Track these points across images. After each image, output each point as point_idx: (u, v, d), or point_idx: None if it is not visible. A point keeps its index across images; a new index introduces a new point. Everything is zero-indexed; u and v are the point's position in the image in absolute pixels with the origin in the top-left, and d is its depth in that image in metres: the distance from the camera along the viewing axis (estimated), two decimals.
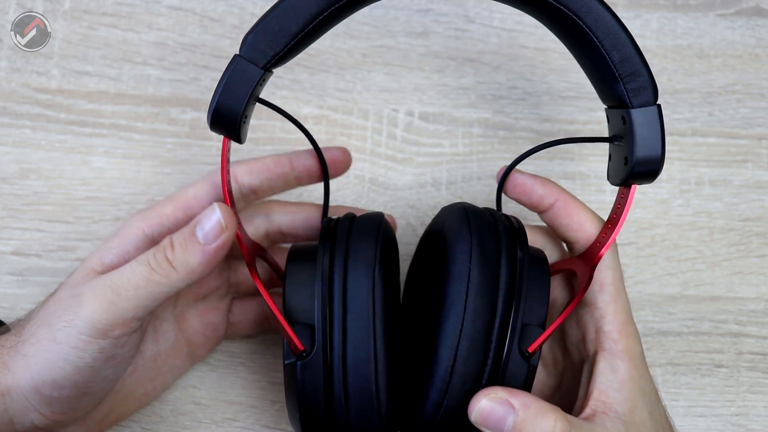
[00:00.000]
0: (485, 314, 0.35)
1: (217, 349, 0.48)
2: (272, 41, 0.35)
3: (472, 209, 0.39)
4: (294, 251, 0.39)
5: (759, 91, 0.55)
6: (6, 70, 0.53)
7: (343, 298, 0.36)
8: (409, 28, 0.55)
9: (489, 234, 0.37)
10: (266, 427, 0.47)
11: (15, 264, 0.49)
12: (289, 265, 0.38)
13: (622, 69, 0.35)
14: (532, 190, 0.41)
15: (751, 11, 0.56)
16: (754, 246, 0.52)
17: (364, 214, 0.40)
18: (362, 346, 0.35)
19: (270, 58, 0.35)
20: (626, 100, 0.35)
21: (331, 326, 0.35)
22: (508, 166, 0.41)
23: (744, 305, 0.50)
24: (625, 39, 0.35)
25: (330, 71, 0.53)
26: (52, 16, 0.54)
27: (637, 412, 0.36)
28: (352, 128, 0.52)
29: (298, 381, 0.35)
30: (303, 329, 0.35)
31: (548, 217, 0.41)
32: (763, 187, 0.53)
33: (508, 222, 0.39)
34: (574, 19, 0.35)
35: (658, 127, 0.35)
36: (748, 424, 0.48)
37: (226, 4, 0.54)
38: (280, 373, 0.48)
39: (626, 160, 0.36)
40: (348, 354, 0.35)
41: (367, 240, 0.37)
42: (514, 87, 0.54)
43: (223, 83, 0.35)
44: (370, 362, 0.35)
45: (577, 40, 0.36)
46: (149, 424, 0.46)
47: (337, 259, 0.36)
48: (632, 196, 0.37)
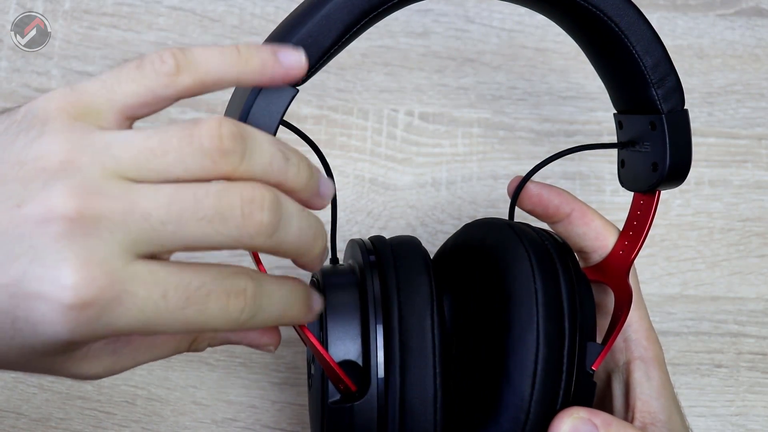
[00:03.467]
0: (557, 336, 0.33)
1: (216, 349, 0.48)
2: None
3: (516, 225, 0.37)
4: (328, 275, 0.36)
5: (759, 91, 0.55)
6: (6, 70, 0.53)
7: (400, 335, 0.33)
8: (409, 28, 0.55)
9: (544, 251, 0.35)
10: (266, 427, 0.47)
11: None
12: (328, 294, 0.35)
13: (654, 74, 0.35)
14: (549, 200, 0.39)
15: (750, 11, 0.56)
16: (753, 246, 0.52)
17: (398, 238, 0.37)
18: (422, 389, 0.33)
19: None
20: (658, 105, 0.35)
21: (387, 365, 0.33)
22: (522, 179, 0.40)
23: (744, 305, 0.50)
24: (656, 44, 0.35)
25: (330, 71, 0.53)
26: (52, 16, 0.54)
27: (674, 418, 0.36)
28: (351, 128, 0.52)
29: (348, 425, 0.33)
30: (347, 367, 0.33)
31: (562, 227, 0.40)
32: (763, 187, 0.53)
33: (551, 237, 0.37)
34: (607, 22, 0.34)
35: (688, 132, 0.35)
36: (748, 424, 0.48)
37: (227, 5, 0.54)
38: (280, 373, 0.48)
39: (655, 166, 0.35)
40: (406, 396, 0.33)
41: (420, 272, 0.35)
42: (514, 87, 0.54)
43: (253, 104, 0.30)
44: (429, 405, 0.33)
45: (604, 43, 0.35)
46: (149, 424, 0.47)
47: (390, 291, 0.34)
48: (657, 203, 0.37)
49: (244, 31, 0.54)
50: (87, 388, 0.47)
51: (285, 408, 0.48)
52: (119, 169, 0.25)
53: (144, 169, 0.25)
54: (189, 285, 0.25)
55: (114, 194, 0.24)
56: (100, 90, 0.27)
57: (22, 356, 0.26)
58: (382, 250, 0.36)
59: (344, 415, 0.33)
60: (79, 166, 0.25)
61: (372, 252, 0.36)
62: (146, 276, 0.24)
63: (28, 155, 0.25)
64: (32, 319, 0.24)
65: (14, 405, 0.47)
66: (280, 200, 0.26)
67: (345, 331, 0.34)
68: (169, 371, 0.48)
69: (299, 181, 0.28)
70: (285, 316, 0.29)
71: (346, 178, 0.51)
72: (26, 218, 0.24)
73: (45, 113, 0.26)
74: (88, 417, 0.47)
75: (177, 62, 0.27)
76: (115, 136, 0.26)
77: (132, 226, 0.24)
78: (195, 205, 0.25)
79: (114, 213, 0.24)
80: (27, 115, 0.26)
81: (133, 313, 0.24)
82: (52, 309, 0.24)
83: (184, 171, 0.25)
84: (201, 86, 0.28)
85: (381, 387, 0.33)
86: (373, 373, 0.33)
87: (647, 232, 0.37)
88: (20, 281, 0.24)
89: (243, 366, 0.48)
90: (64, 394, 0.47)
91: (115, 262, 0.24)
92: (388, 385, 0.33)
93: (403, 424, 0.33)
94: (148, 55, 0.28)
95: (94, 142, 0.25)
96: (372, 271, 0.35)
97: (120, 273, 0.24)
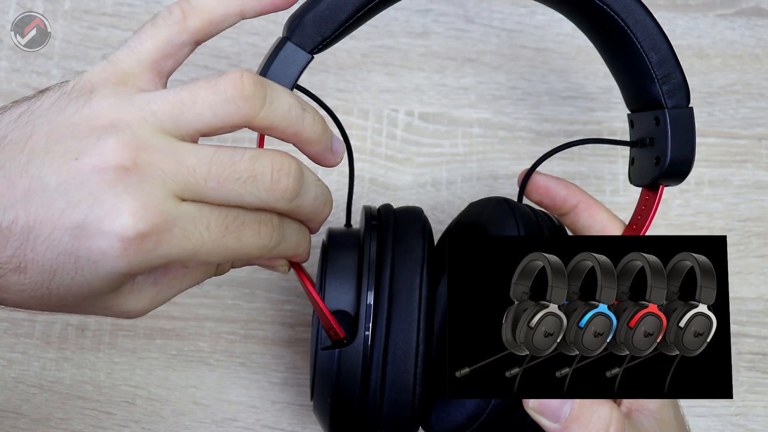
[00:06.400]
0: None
1: (216, 349, 0.48)
2: (321, 27, 0.34)
3: (513, 202, 0.39)
4: (334, 236, 0.39)
5: (759, 91, 0.55)
6: (6, 70, 0.53)
7: (390, 291, 0.36)
8: (408, 28, 0.55)
9: (534, 226, 0.37)
10: (266, 427, 0.47)
11: None
12: (330, 250, 0.38)
13: (659, 70, 0.36)
14: (556, 191, 0.41)
15: (750, 11, 0.56)
16: (753, 246, 0.52)
17: (405, 207, 0.40)
18: (405, 340, 0.36)
19: (317, 43, 0.34)
20: (662, 101, 0.36)
21: (375, 317, 0.36)
22: (529, 169, 0.41)
23: (744, 305, 0.50)
24: (663, 41, 0.36)
25: (330, 71, 0.53)
26: (52, 16, 0.54)
27: (665, 411, 0.36)
28: (352, 128, 0.52)
29: (335, 368, 0.35)
30: (340, 316, 0.36)
31: (569, 220, 0.41)
32: (763, 187, 0.53)
33: (548, 218, 0.39)
34: (616, 19, 0.36)
35: (692, 129, 0.36)
36: (748, 424, 0.48)
37: None
38: (280, 373, 0.48)
39: (658, 160, 0.36)
40: (390, 346, 0.36)
41: (415, 235, 0.37)
42: (514, 87, 0.54)
43: (270, 66, 0.34)
44: (411, 356, 0.35)
45: (614, 40, 0.37)
46: (149, 424, 0.47)
47: (386, 251, 0.37)
48: (660, 197, 0.37)
49: (244, 31, 0.54)
50: (87, 388, 0.47)
51: (285, 408, 0.48)
52: (159, 123, 0.29)
53: (180, 121, 0.29)
54: (227, 216, 0.29)
55: (162, 148, 0.28)
56: (129, 55, 0.32)
57: (79, 296, 0.29)
58: (386, 215, 0.39)
59: (332, 359, 0.36)
60: (127, 122, 0.28)
61: (376, 217, 0.39)
62: (192, 211, 0.28)
63: (81, 117, 0.29)
64: (93, 256, 0.27)
65: (14, 405, 0.47)
66: (302, 170, 0.31)
67: (341, 285, 0.37)
68: (169, 371, 0.48)
69: (315, 131, 0.32)
70: (300, 245, 0.33)
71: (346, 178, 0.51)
72: (84, 168, 0.27)
73: (91, 84, 0.31)
74: (88, 417, 0.47)
75: (182, 9, 0.32)
76: (152, 95, 0.29)
77: (179, 177, 0.28)
78: (232, 166, 0.29)
79: (164, 164, 0.28)
80: (75, 86, 0.30)
81: (183, 244, 0.28)
82: (111, 244, 0.27)
83: (213, 116, 0.29)
84: (210, 25, 0.32)
85: (368, 336, 0.36)
86: (361, 323, 0.36)
87: (647, 227, 0.38)
88: (82, 223, 0.27)
89: (243, 366, 0.48)
90: (64, 394, 0.47)
91: (166, 202, 0.28)
92: (374, 335, 0.36)
93: (385, 373, 0.36)
94: (159, 12, 0.32)
95: (135, 101, 0.29)
96: (372, 233, 0.38)
97: (171, 210, 0.28)
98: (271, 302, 0.49)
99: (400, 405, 0.36)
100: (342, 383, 0.36)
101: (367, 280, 0.36)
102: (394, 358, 0.36)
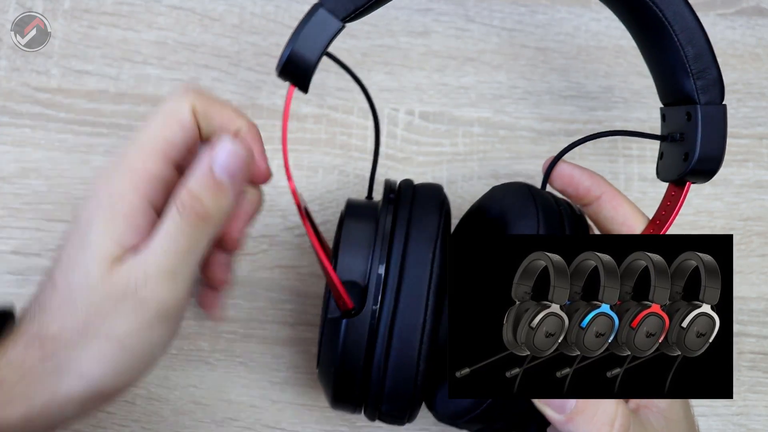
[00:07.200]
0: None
1: (216, 348, 0.48)
2: None
3: (535, 188, 0.39)
4: (352, 206, 0.39)
5: (759, 91, 0.55)
6: (6, 70, 0.52)
7: (401, 264, 0.36)
8: (409, 28, 0.54)
9: (553, 213, 0.37)
10: (267, 426, 0.47)
11: (15, 263, 0.49)
12: (346, 220, 0.38)
13: (694, 65, 0.35)
14: (580, 181, 0.40)
15: (751, 11, 0.56)
16: (754, 245, 0.52)
17: (425, 183, 0.40)
18: (413, 315, 0.35)
19: (350, 11, 0.35)
20: (695, 97, 0.35)
21: (384, 289, 0.36)
22: (555, 156, 0.41)
23: (744, 305, 0.50)
24: (700, 36, 0.35)
25: (330, 70, 0.53)
26: (52, 15, 0.54)
27: (674, 409, 0.36)
28: (352, 127, 0.52)
29: (341, 338, 0.35)
30: (350, 287, 0.36)
31: (592, 210, 0.40)
32: (764, 186, 0.53)
33: (569, 206, 0.39)
34: (654, 9, 0.35)
35: (723, 127, 0.35)
36: (749, 424, 0.48)
37: (226, 4, 0.54)
38: (280, 372, 0.48)
39: (686, 156, 0.36)
40: (397, 319, 0.35)
41: (431, 211, 0.37)
42: (515, 86, 0.54)
43: (301, 31, 0.34)
44: (417, 331, 0.35)
45: (651, 31, 0.36)
46: (149, 424, 0.46)
47: (399, 225, 0.37)
48: (686, 194, 0.37)
49: (244, 30, 0.54)
50: None
51: (285, 408, 0.48)
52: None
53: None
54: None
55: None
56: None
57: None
58: (405, 190, 0.39)
59: (338, 328, 0.36)
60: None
61: (395, 191, 0.39)
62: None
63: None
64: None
65: None
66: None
67: (354, 256, 0.37)
68: (169, 371, 0.48)
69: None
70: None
71: (347, 177, 0.51)
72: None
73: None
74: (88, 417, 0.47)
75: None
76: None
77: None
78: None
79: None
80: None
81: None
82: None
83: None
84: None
85: (376, 309, 0.35)
86: (369, 294, 0.36)
87: (671, 222, 0.37)
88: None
89: (243, 366, 0.48)
90: None
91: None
92: (382, 308, 0.35)
93: (390, 346, 0.35)
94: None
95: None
96: (389, 206, 0.38)
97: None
98: (271, 301, 0.49)
99: (402, 380, 0.36)
100: (347, 354, 0.36)
101: (379, 252, 0.36)
102: (400, 332, 0.35)
